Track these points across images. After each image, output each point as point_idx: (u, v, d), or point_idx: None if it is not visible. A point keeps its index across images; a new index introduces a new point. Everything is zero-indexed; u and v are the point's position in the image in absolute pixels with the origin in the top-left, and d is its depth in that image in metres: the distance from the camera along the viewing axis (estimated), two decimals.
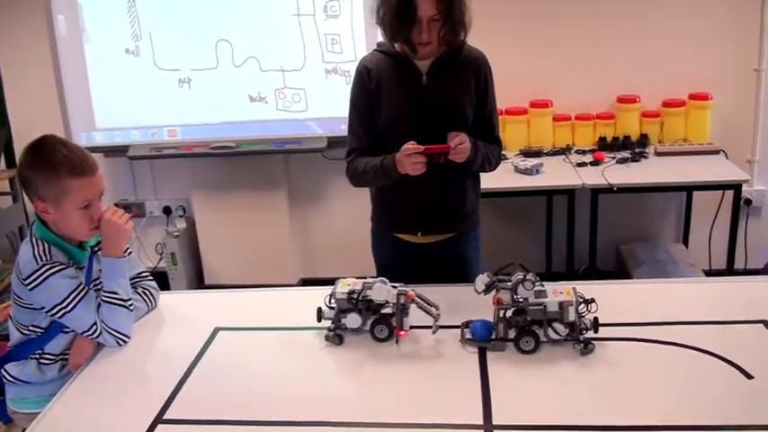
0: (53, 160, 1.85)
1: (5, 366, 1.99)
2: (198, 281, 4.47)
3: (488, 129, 2.32)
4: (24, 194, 4.24)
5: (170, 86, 4.03)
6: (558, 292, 1.77)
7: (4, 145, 4.22)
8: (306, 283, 4.37)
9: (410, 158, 2.09)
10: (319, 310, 1.88)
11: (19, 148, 4.27)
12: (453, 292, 2.07)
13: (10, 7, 4.17)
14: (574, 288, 1.79)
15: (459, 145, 2.11)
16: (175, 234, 4.33)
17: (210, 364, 1.83)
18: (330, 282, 1.93)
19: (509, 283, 1.78)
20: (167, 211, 4.49)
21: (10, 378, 1.98)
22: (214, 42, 3.94)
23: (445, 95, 2.24)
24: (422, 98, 2.23)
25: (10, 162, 4.30)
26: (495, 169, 2.39)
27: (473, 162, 2.23)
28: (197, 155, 4.08)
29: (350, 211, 4.31)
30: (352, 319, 1.85)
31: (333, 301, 1.87)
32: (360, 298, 1.84)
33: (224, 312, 2.14)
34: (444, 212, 2.36)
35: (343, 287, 1.88)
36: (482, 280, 1.81)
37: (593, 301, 1.77)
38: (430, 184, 2.25)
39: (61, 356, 1.97)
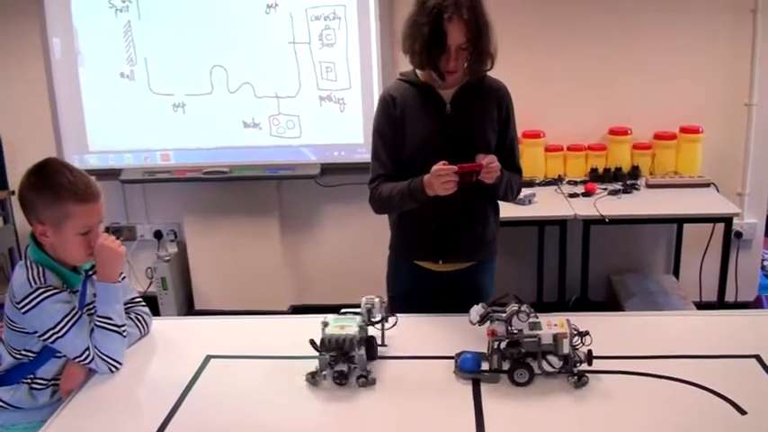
0: (57, 184, 1.84)
1: None
2: (188, 306, 4.44)
3: (509, 157, 2.35)
4: (15, 216, 4.26)
5: (164, 111, 4.04)
6: (552, 325, 1.77)
7: None
8: (296, 309, 4.35)
9: (440, 178, 2.09)
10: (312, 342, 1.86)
11: (11, 170, 4.30)
12: (448, 323, 2.06)
13: (5, 29, 4.18)
14: (568, 320, 1.79)
15: (491, 164, 2.13)
16: (166, 258, 4.32)
17: (202, 392, 1.81)
18: (321, 309, 1.92)
19: (503, 315, 1.78)
20: (158, 235, 4.47)
21: (1, 403, 1.96)
22: (209, 68, 3.96)
23: (469, 124, 2.27)
24: (446, 126, 2.27)
25: (1, 183, 4.29)
26: (515, 198, 2.43)
27: (498, 187, 2.25)
28: (190, 179, 4.08)
29: (342, 239, 4.33)
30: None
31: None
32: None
33: (215, 340, 2.12)
34: (466, 240, 2.37)
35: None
36: (477, 311, 1.81)
37: (587, 333, 1.77)
38: (454, 212, 2.29)
39: (53, 381, 1.95)
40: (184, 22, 3.93)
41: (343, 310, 1.91)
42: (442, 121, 2.27)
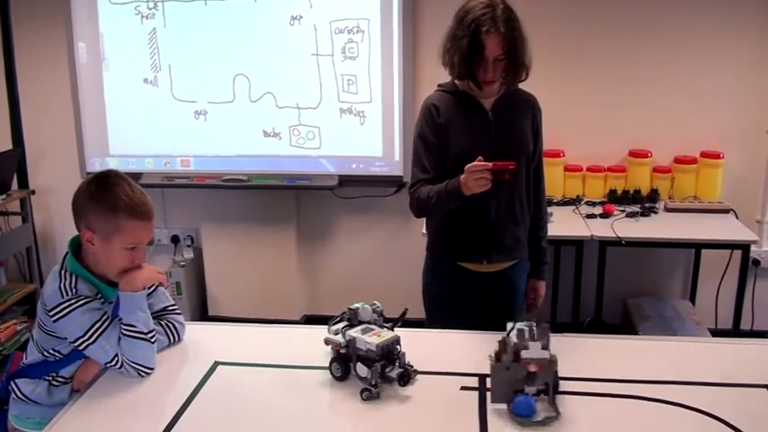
0: (114, 195, 1.86)
1: (18, 381, 1.98)
2: (201, 311, 4.46)
3: (538, 167, 2.52)
4: (34, 215, 4.31)
5: (186, 117, 4.08)
6: None
7: (18, 165, 4.26)
8: (309, 319, 4.35)
9: (473, 174, 2.15)
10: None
11: (32, 170, 4.35)
12: (451, 337, 2.06)
13: (33, 32, 4.25)
14: None
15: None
16: (182, 263, 4.34)
17: (208, 398, 1.82)
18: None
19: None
20: (176, 240, 4.50)
21: (20, 394, 1.98)
22: (232, 77, 3.99)
23: (510, 131, 2.39)
24: (491, 134, 2.36)
25: (22, 182, 4.33)
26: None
27: None
28: (209, 186, 4.10)
29: (357, 251, 4.33)
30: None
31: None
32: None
33: (225, 346, 2.13)
34: (508, 241, 2.46)
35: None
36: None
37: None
38: (496, 212, 2.39)
39: (72, 379, 1.97)
40: (209, 30, 3.96)
41: (332, 322, 1.93)
42: (486, 128, 2.37)
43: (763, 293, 4.10)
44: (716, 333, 3.87)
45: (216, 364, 1.99)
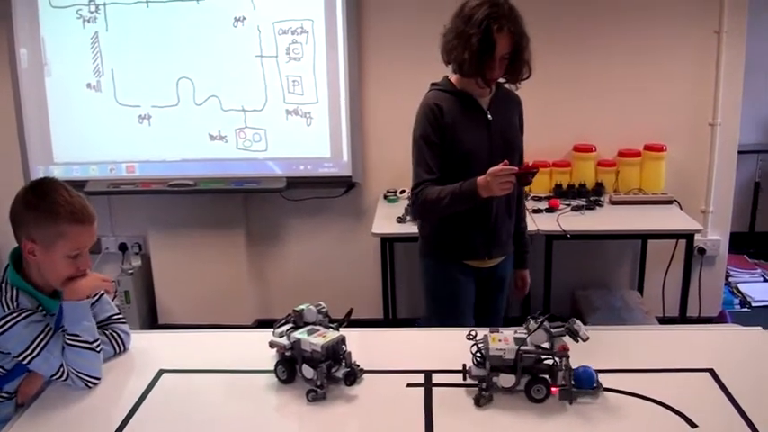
0: (53, 202, 1.82)
1: None
2: (151, 320, 4.40)
3: (521, 161, 2.60)
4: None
5: (130, 122, 4.02)
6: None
7: None
8: (261, 323, 4.32)
9: (499, 179, 2.20)
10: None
11: None
12: (393, 335, 2.06)
13: None
14: None
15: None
16: (130, 271, 4.28)
17: (152, 407, 1.79)
18: None
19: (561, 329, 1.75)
20: (123, 248, 4.43)
21: None
22: (176, 80, 3.94)
23: (507, 130, 2.49)
24: (490, 133, 2.43)
25: None
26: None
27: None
28: (155, 192, 4.05)
29: (307, 253, 4.32)
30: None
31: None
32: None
33: (170, 353, 2.10)
34: (503, 235, 2.57)
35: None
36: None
37: None
38: (498, 210, 2.48)
39: (16, 393, 1.92)
40: (151, 33, 3.91)
41: (277, 324, 1.91)
42: (487, 128, 2.43)
43: (709, 281, 4.19)
44: (664, 321, 3.95)
45: (161, 371, 1.96)
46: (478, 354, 1.78)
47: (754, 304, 4.45)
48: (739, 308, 4.42)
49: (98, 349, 1.92)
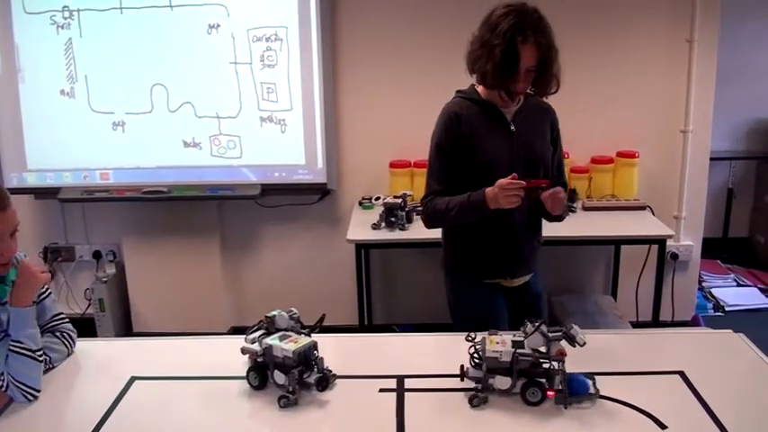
0: None
1: None
2: (126, 328, 4.36)
3: (560, 175, 2.51)
4: None
5: (104, 129, 3.99)
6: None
7: None
8: (236, 331, 4.30)
9: (506, 191, 2.14)
10: None
11: None
12: (367, 341, 2.06)
13: None
14: None
15: (558, 194, 2.21)
16: (104, 279, 4.24)
17: (123, 415, 1.78)
18: None
19: (559, 334, 1.78)
20: (97, 255, 4.39)
21: None
22: (150, 87, 3.92)
23: (532, 143, 2.37)
24: (513, 145, 2.33)
25: None
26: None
27: (562, 215, 2.36)
28: (129, 199, 4.02)
29: (282, 259, 4.31)
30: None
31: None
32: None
33: (143, 361, 2.09)
34: (526, 252, 2.48)
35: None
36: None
37: None
38: (518, 227, 2.39)
39: None
40: (125, 39, 3.89)
41: (249, 331, 1.91)
42: (509, 140, 2.34)
43: (682, 286, 4.24)
44: (637, 325, 3.97)
45: (132, 379, 1.95)
46: (476, 355, 1.79)
47: (727, 309, 4.51)
48: (713, 312, 4.48)
49: (40, 359, 1.90)
